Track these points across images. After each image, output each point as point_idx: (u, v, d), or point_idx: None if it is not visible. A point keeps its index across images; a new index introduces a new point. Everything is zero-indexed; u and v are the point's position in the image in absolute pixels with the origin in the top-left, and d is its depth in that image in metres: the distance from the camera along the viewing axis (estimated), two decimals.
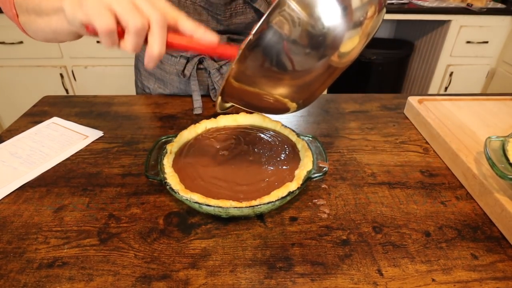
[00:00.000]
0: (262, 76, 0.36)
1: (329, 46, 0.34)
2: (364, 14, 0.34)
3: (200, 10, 0.68)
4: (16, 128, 0.66)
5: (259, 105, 0.42)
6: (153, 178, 0.46)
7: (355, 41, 0.35)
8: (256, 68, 0.35)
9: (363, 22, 0.34)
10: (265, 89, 0.38)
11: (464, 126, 0.62)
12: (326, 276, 0.38)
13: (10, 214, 0.46)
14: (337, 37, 0.33)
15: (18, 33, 1.73)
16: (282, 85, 0.37)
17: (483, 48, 1.91)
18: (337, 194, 0.50)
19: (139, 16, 0.33)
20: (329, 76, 0.38)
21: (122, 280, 0.37)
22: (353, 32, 0.34)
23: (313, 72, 0.36)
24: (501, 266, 0.39)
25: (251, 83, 0.37)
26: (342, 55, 0.35)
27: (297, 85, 0.38)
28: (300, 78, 0.37)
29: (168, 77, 0.79)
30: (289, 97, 0.39)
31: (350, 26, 0.34)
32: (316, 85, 0.39)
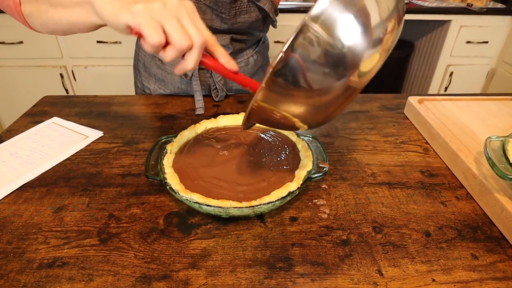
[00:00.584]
0: (284, 99, 0.35)
1: (349, 67, 0.33)
2: (384, 30, 0.33)
3: (205, 8, 0.68)
4: (16, 128, 0.66)
5: (276, 123, 0.41)
6: (153, 178, 0.46)
7: (375, 59, 0.34)
8: (279, 93, 0.34)
9: (383, 39, 0.33)
10: (285, 111, 0.37)
11: (464, 126, 0.62)
12: (326, 276, 0.38)
13: (10, 214, 0.46)
14: (357, 58, 0.32)
15: (18, 33, 1.74)
16: (301, 107, 0.36)
17: (483, 48, 1.91)
18: (337, 194, 0.50)
19: (186, 38, 0.37)
20: (347, 98, 0.37)
21: (122, 280, 0.37)
22: (374, 50, 0.33)
23: (332, 94, 0.35)
24: (501, 266, 0.39)
25: (273, 106, 0.36)
26: (362, 74, 0.34)
27: (315, 107, 0.37)
28: (319, 100, 0.36)
29: (170, 77, 0.79)
30: (306, 119, 0.38)
31: (371, 45, 0.33)
32: (333, 108, 0.38)
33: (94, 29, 0.45)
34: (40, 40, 1.77)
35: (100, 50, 1.82)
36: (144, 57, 0.81)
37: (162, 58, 0.39)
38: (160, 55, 0.40)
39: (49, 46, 1.79)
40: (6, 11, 0.50)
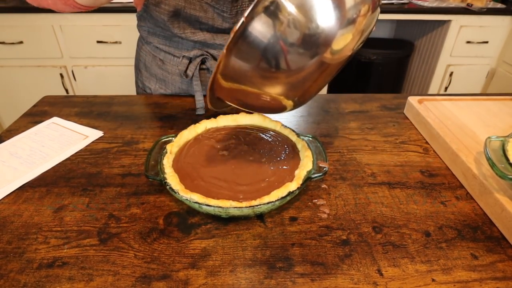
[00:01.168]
0: (251, 72, 0.35)
1: (321, 44, 0.33)
2: (357, 11, 0.34)
3: (207, 7, 0.68)
4: (16, 128, 0.66)
5: (254, 104, 0.41)
6: (153, 178, 0.46)
7: (348, 38, 0.35)
8: (244, 63, 0.34)
9: (356, 20, 0.34)
10: (256, 86, 0.37)
11: (464, 126, 0.62)
12: (326, 276, 0.38)
13: (10, 214, 0.46)
14: (329, 34, 0.33)
15: (18, 33, 1.74)
16: (273, 82, 0.37)
17: (483, 48, 1.91)
18: (337, 194, 0.50)
19: None
20: (322, 72, 0.37)
21: (122, 280, 0.37)
22: (346, 29, 0.34)
23: (305, 69, 0.35)
24: (501, 266, 0.39)
25: (241, 79, 0.36)
26: (335, 52, 0.35)
27: (289, 82, 0.37)
28: (291, 75, 0.36)
29: (170, 78, 0.79)
30: (283, 94, 0.39)
31: (343, 23, 0.33)
32: (310, 82, 0.38)
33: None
34: (40, 40, 1.77)
35: (100, 50, 1.82)
36: (145, 57, 0.82)
37: None
38: None
39: (49, 46, 1.80)
40: (51, 7, 0.52)
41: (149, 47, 0.80)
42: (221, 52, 0.79)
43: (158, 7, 0.66)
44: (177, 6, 0.66)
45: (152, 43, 0.78)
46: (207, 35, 0.72)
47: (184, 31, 0.71)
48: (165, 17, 0.67)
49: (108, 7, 1.68)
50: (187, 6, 0.66)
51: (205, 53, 0.74)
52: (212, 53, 0.75)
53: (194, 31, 0.71)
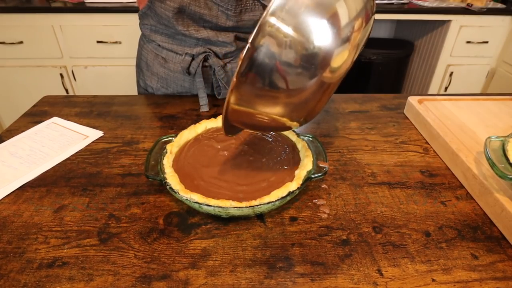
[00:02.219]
0: (259, 99, 0.36)
1: (320, 64, 0.34)
2: (351, 29, 0.34)
3: (211, 5, 0.68)
4: (16, 128, 0.66)
5: (262, 126, 0.42)
6: (153, 178, 0.46)
7: (345, 55, 0.35)
8: (251, 93, 0.35)
9: (351, 36, 0.34)
10: (264, 111, 0.38)
11: (464, 126, 0.62)
12: (326, 276, 0.38)
13: (10, 214, 0.46)
14: (327, 55, 0.34)
15: (18, 33, 1.74)
16: (279, 106, 0.38)
17: (483, 48, 1.91)
18: (337, 194, 0.50)
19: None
20: (324, 92, 0.38)
21: (122, 280, 0.37)
22: (343, 47, 0.34)
23: (307, 91, 0.36)
24: (501, 266, 0.39)
25: (249, 107, 0.37)
26: (334, 70, 0.36)
27: (294, 104, 0.38)
28: (295, 97, 0.37)
29: (172, 76, 0.79)
30: (288, 117, 0.40)
31: (339, 43, 0.34)
32: (313, 103, 0.39)
33: None
34: (40, 40, 1.77)
35: (100, 50, 1.82)
36: (147, 56, 0.82)
37: None
38: None
39: (49, 46, 1.80)
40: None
41: (151, 45, 0.80)
42: (224, 49, 0.79)
43: (164, 3, 0.67)
44: (182, 3, 0.66)
45: (155, 41, 0.78)
46: (211, 33, 0.72)
47: (188, 28, 0.71)
48: (170, 14, 0.67)
49: (108, 7, 1.68)
50: (192, 3, 0.67)
51: (207, 50, 0.74)
52: (215, 51, 0.76)
53: (198, 28, 0.72)
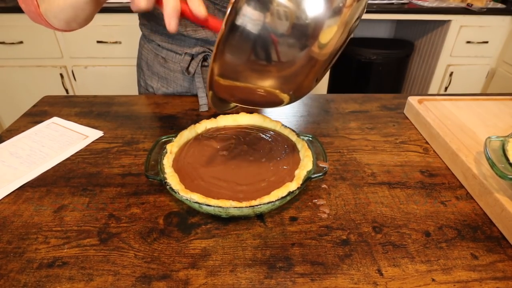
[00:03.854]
0: (244, 66, 0.36)
1: (309, 34, 0.33)
2: (343, 1, 0.33)
3: (207, 3, 0.68)
4: (16, 128, 0.66)
5: (252, 99, 0.42)
6: (153, 178, 0.46)
7: (333, 30, 0.35)
8: (237, 58, 0.35)
9: (342, 10, 0.34)
10: (251, 80, 0.38)
11: (464, 126, 0.62)
12: (326, 276, 0.38)
13: (10, 214, 0.46)
14: (316, 25, 0.33)
15: (18, 33, 1.74)
16: (267, 75, 0.37)
17: (483, 48, 1.91)
18: (337, 194, 0.50)
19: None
20: (312, 67, 0.38)
21: (122, 280, 0.37)
22: (333, 20, 0.34)
23: (294, 61, 0.36)
24: (501, 266, 0.39)
25: (236, 75, 0.37)
26: (322, 45, 0.35)
27: (281, 76, 0.38)
28: (283, 68, 0.37)
29: (172, 75, 0.79)
30: (277, 87, 0.39)
31: (329, 14, 0.33)
32: (301, 76, 0.39)
33: (95, 6, 0.49)
34: (40, 40, 1.77)
35: (100, 50, 1.82)
36: (147, 56, 0.82)
37: (135, 7, 0.41)
38: (134, 5, 0.41)
39: (49, 46, 1.80)
40: (32, 19, 0.54)
41: (151, 45, 0.80)
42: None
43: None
44: None
45: (154, 41, 0.78)
46: (209, 33, 0.72)
47: (185, 28, 0.71)
48: None
49: (108, 7, 1.68)
50: None
51: (207, 50, 0.74)
52: None
53: (196, 28, 0.72)
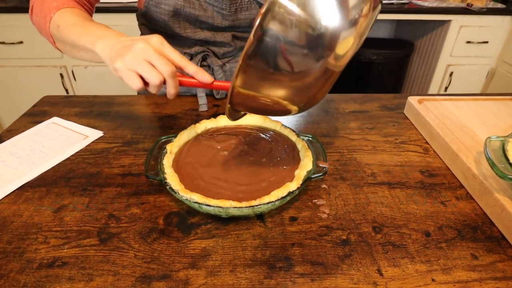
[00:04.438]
0: (263, 82, 0.36)
1: (326, 47, 0.34)
2: (359, 12, 0.33)
3: (206, 6, 0.68)
4: (16, 128, 0.66)
5: (264, 109, 0.42)
6: (153, 178, 0.46)
7: (350, 42, 0.35)
8: (257, 75, 0.35)
9: (358, 20, 0.34)
10: (268, 94, 0.38)
11: (464, 126, 0.62)
12: (326, 276, 0.38)
13: (10, 214, 0.46)
14: (333, 37, 0.33)
15: (18, 33, 1.74)
16: (283, 89, 0.38)
17: (483, 48, 1.91)
18: (337, 194, 0.50)
19: (157, 76, 0.44)
20: (327, 80, 0.38)
21: (122, 280, 0.37)
22: (348, 32, 0.34)
23: (312, 75, 0.36)
24: (501, 266, 0.39)
25: (254, 90, 0.37)
26: (338, 57, 0.35)
27: (297, 88, 0.38)
28: (299, 81, 0.37)
29: None
30: (289, 100, 0.40)
31: (346, 25, 0.33)
32: (315, 89, 0.39)
33: (93, 60, 0.54)
34: (40, 40, 1.77)
35: None
36: None
37: (151, 91, 0.46)
38: (149, 90, 0.46)
39: (49, 46, 1.79)
40: (39, 31, 0.61)
41: None
42: (222, 49, 0.79)
43: (158, 7, 0.67)
44: (176, 6, 0.66)
45: None
46: (208, 34, 0.72)
47: (185, 30, 0.71)
48: (166, 17, 0.67)
49: (108, 7, 1.68)
50: (187, 6, 0.66)
51: (206, 50, 0.74)
52: (213, 50, 0.75)
53: (195, 30, 0.72)
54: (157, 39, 0.46)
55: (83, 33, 0.51)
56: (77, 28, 0.52)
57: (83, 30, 0.51)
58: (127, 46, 0.45)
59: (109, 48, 0.47)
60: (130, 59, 0.43)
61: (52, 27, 0.56)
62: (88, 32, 0.50)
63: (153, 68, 0.44)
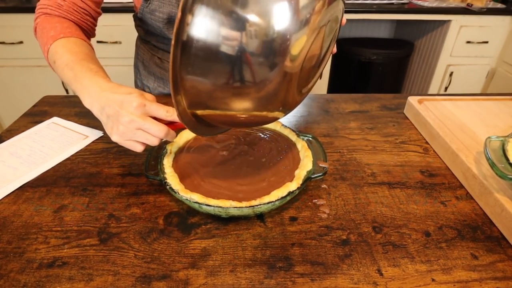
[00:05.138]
0: (214, 92, 0.33)
1: (276, 50, 0.30)
2: (310, 10, 0.30)
3: None
4: (16, 128, 0.66)
5: (242, 122, 0.41)
6: (153, 178, 0.46)
7: (303, 41, 0.32)
8: (201, 79, 0.32)
9: (310, 19, 0.30)
10: (230, 107, 0.35)
11: (464, 126, 0.62)
12: (326, 276, 0.38)
13: (10, 214, 0.46)
14: (283, 39, 0.30)
15: (18, 33, 1.74)
16: (244, 98, 0.35)
17: (483, 48, 1.91)
18: (337, 194, 0.50)
19: (153, 139, 0.45)
20: (289, 82, 0.35)
21: (122, 280, 0.37)
22: (300, 33, 0.31)
23: (268, 81, 0.33)
24: (501, 266, 0.39)
25: (210, 104, 0.35)
26: (293, 58, 0.32)
27: (260, 97, 0.35)
28: (259, 92, 0.34)
29: (168, 76, 0.79)
30: (263, 109, 0.37)
31: (297, 26, 0.30)
32: (282, 93, 0.36)
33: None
34: None
35: (100, 50, 1.81)
36: (144, 56, 0.82)
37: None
38: None
39: None
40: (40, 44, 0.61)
41: (147, 46, 0.80)
42: None
43: (153, 15, 0.67)
44: (171, 14, 0.66)
45: (150, 41, 0.78)
46: None
47: None
48: (161, 24, 0.67)
49: (108, 7, 1.68)
50: None
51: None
52: None
53: None
54: (137, 104, 0.45)
55: (73, 79, 0.53)
56: (68, 71, 0.54)
57: (72, 76, 0.53)
58: (113, 116, 0.45)
59: (96, 109, 0.49)
60: (123, 132, 0.45)
61: (50, 60, 0.58)
62: (76, 79, 0.52)
63: (148, 134, 0.46)
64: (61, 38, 0.58)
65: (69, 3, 0.62)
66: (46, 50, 0.59)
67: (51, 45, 0.58)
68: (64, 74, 0.55)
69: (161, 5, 0.65)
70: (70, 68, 0.54)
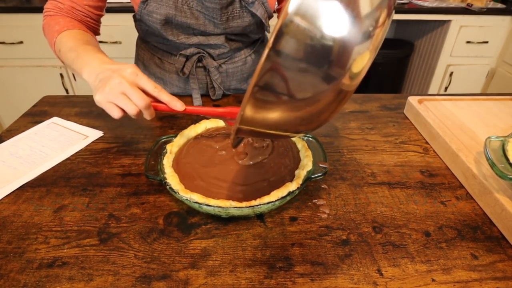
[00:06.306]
0: (272, 113, 0.32)
1: (342, 65, 0.29)
2: (374, 23, 0.28)
3: (197, 14, 0.68)
4: (16, 128, 0.66)
5: (270, 136, 0.40)
6: (153, 178, 0.46)
7: (366, 57, 0.30)
8: (267, 107, 0.31)
9: (373, 33, 0.29)
10: (277, 125, 0.34)
11: (464, 126, 0.62)
12: (326, 276, 0.38)
13: (10, 214, 0.46)
14: (347, 54, 0.28)
15: (18, 33, 1.74)
16: (293, 120, 0.34)
17: (483, 48, 1.91)
18: (337, 194, 0.50)
19: (133, 107, 0.48)
20: (339, 102, 0.34)
21: (122, 280, 0.37)
22: (363, 46, 0.29)
23: (323, 99, 0.32)
24: (501, 266, 0.39)
25: (263, 122, 0.34)
26: (353, 76, 0.31)
27: (308, 114, 0.34)
28: (311, 106, 0.33)
29: (168, 76, 0.79)
30: (299, 127, 0.36)
31: (360, 39, 0.28)
32: (326, 114, 0.35)
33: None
34: (40, 40, 1.77)
35: None
36: (144, 56, 0.82)
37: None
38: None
39: (49, 46, 1.79)
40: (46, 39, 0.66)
41: (147, 46, 0.80)
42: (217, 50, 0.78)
43: (150, 16, 0.67)
44: (168, 15, 0.66)
45: (150, 42, 0.78)
46: (201, 38, 0.72)
47: (178, 37, 0.71)
48: (158, 26, 0.68)
49: (108, 7, 1.67)
50: (178, 14, 0.66)
51: (201, 51, 0.74)
52: (209, 51, 0.75)
53: (188, 36, 0.72)
54: (132, 71, 0.49)
55: (75, 59, 0.56)
56: (71, 53, 0.57)
57: (75, 56, 0.56)
58: (105, 79, 0.49)
59: (92, 77, 0.52)
60: (107, 92, 0.48)
61: (57, 51, 0.63)
62: (78, 58, 0.55)
63: (130, 101, 0.48)
64: (65, 30, 0.63)
65: (67, 6, 0.66)
66: (52, 44, 0.63)
67: (56, 38, 0.62)
68: (67, 57, 0.58)
69: (159, 7, 0.65)
70: (74, 50, 0.57)
